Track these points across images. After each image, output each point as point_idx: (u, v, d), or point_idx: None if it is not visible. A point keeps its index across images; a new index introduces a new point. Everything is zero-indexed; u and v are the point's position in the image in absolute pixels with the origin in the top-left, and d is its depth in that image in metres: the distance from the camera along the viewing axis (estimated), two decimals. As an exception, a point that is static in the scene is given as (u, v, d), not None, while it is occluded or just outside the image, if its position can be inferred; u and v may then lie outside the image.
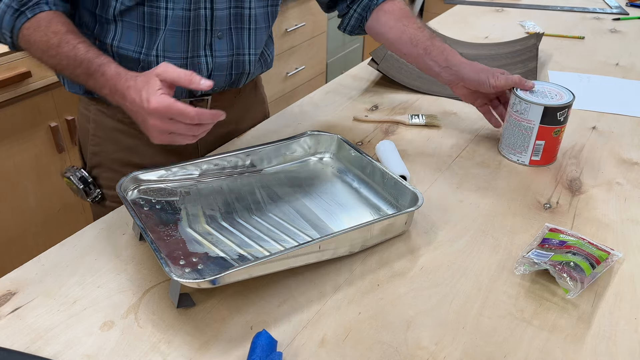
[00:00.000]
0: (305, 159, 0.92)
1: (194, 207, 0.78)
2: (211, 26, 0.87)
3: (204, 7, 0.85)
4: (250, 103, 1.09)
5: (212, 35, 0.88)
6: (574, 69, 1.39)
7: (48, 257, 0.73)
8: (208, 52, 0.89)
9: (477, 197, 0.88)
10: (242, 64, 0.95)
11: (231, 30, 0.90)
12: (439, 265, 0.74)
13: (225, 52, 0.91)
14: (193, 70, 0.86)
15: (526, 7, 1.90)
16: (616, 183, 0.93)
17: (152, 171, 0.80)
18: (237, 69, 0.95)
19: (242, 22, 0.91)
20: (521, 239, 0.79)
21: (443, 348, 0.62)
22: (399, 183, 0.80)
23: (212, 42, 0.89)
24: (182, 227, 0.74)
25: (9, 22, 0.78)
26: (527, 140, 0.94)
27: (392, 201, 0.82)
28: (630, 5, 1.94)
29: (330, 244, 0.69)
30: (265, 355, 0.58)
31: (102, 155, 0.98)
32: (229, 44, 0.91)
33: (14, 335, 0.62)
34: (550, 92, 0.95)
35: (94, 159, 0.99)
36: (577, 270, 0.69)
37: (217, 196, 0.81)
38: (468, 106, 1.18)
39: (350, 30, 1.09)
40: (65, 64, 0.78)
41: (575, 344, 0.63)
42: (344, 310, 0.66)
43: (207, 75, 0.91)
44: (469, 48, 1.47)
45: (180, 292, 0.64)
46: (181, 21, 0.84)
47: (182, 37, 0.86)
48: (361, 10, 1.05)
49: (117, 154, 0.98)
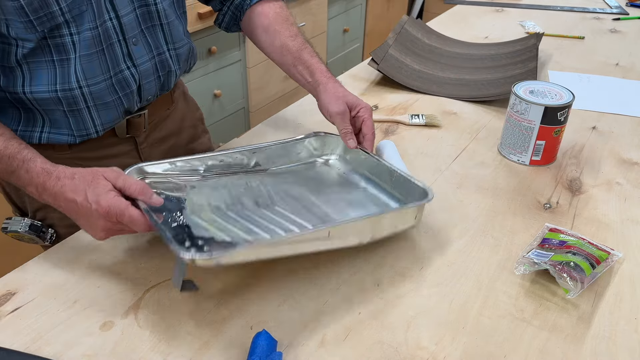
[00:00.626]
0: (311, 161, 0.91)
1: (199, 198, 0.77)
2: (123, 35, 0.81)
3: (108, 18, 0.79)
4: (184, 112, 1.04)
5: (127, 44, 0.82)
6: (574, 69, 1.39)
7: (48, 257, 0.73)
8: (129, 63, 0.83)
9: (477, 197, 0.88)
10: (166, 63, 0.89)
11: (144, 32, 0.85)
12: (439, 265, 0.74)
13: (145, 57, 0.85)
14: (121, 87, 0.83)
15: (526, 7, 1.90)
16: (616, 183, 0.92)
17: (156, 164, 0.79)
18: (163, 70, 0.89)
19: (152, 20, 0.85)
20: (521, 239, 0.79)
21: (443, 348, 0.62)
22: (408, 180, 0.79)
23: (129, 52, 0.83)
24: (186, 214, 0.72)
25: None
26: (527, 140, 0.94)
27: (401, 199, 0.80)
28: (630, 5, 1.94)
29: (340, 232, 0.67)
30: (265, 355, 0.58)
31: None
32: (146, 47, 0.85)
33: (14, 335, 0.62)
34: (550, 92, 0.95)
35: (35, 202, 0.90)
36: (577, 270, 0.69)
37: (222, 190, 0.80)
38: (468, 106, 1.18)
39: (226, 27, 1.04)
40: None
41: (575, 344, 0.63)
42: (344, 310, 0.66)
43: (136, 87, 0.85)
44: (469, 48, 1.47)
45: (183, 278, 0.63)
46: (92, 42, 0.77)
47: (98, 57, 0.79)
48: (234, 9, 1.00)
49: None
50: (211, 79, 2.03)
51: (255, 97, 2.28)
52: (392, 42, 1.39)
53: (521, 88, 0.96)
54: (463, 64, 1.37)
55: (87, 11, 0.75)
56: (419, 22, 1.56)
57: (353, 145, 0.86)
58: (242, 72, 2.18)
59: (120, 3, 0.79)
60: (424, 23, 1.58)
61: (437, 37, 1.51)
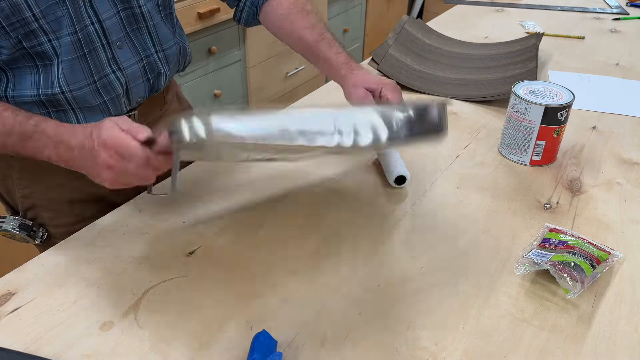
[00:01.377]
0: None
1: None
2: (106, 39, 0.80)
3: (90, 23, 0.77)
4: (178, 112, 1.02)
5: (112, 48, 0.81)
6: (574, 69, 1.39)
7: (48, 257, 0.73)
8: (114, 67, 0.82)
9: (477, 197, 0.88)
10: (155, 65, 0.88)
11: (129, 35, 0.83)
12: (439, 265, 0.74)
13: (132, 60, 0.84)
14: (107, 91, 0.82)
15: (526, 7, 1.89)
16: (616, 183, 0.92)
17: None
18: (152, 72, 0.88)
19: (137, 22, 0.83)
20: (521, 239, 0.79)
21: (443, 348, 0.62)
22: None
23: (114, 55, 0.81)
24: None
25: None
26: (527, 140, 0.94)
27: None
28: (630, 5, 1.94)
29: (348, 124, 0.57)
30: (265, 356, 0.58)
31: (35, 196, 0.90)
32: (132, 50, 0.84)
33: (14, 335, 0.62)
34: (551, 92, 0.95)
35: (25, 201, 0.91)
36: (577, 270, 0.69)
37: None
38: (468, 106, 1.18)
39: (245, 22, 1.03)
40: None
41: (575, 344, 0.63)
42: (344, 310, 0.66)
43: (122, 90, 0.84)
44: (469, 48, 1.47)
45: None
46: (72, 47, 0.76)
47: (80, 63, 0.78)
48: (250, 4, 1.00)
49: (51, 193, 0.90)
50: (211, 79, 2.03)
51: (255, 97, 2.28)
52: (392, 42, 1.39)
53: (521, 88, 0.96)
54: (463, 64, 1.37)
55: (64, 16, 0.74)
56: (419, 22, 1.56)
57: None
58: (242, 72, 2.18)
59: (102, 7, 0.78)
60: (424, 23, 1.57)
61: (437, 37, 1.51)
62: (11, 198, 0.93)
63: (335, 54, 0.91)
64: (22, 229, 0.88)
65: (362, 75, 0.88)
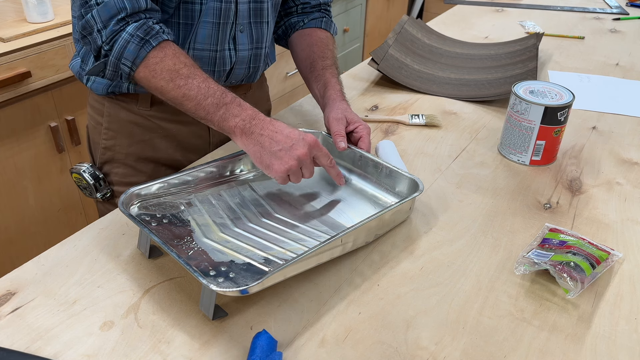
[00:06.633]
0: None
1: (201, 217, 0.77)
2: (235, 19, 0.91)
3: (231, 0, 0.89)
4: (257, 99, 1.10)
5: (235, 29, 0.92)
6: (574, 69, 1.39)
7: (48, 257, 0.73)
8: (232, 45, 0.93)
9: (477, 197, 0.88)
10: (259, 58, 0.98)
11: (251, 25, 0.94)
12: (439, 265, 0.74)
13: (246, 46, 0.95)
14: (218, 63, 0.93)
15: (526, 7, 1.90)
16: (616, 183, 0.93)
17: (149, 185, 0.78)
18: (255, 62, 0.98)
19: (260, 17, 0.94)
20: (521, 239, 0.79)
21: (443, 348, 0.62)
22: (395, 171, 0.83)
23: (235, 36, 0.92)
24: (197, 238, 0.74)
25: (134, 51, 0.77)
26: (527, 140, 0.94)
27: (389, 189, 0.84)
28: (630, 5, 1.94)
29: (350, 237, 0.71)
30: (265, 355, 0.58)
31: (115, 149, 0.99)
32: (249, 38, 0.95)
33: (14, 335, 0.62)
34: (550, 92, 0.95)
35: (106, 154, 1.00)
36: (577, 270, 0.69)
37: (219, 203, 0.81)
38: (468, 106, 1.18)
39: (276, 39, 1.10)
40: (194, 94, 0.78)
41: (575, 344, 0.63)
42: (344, 310, 0.66)
43: (229, 68, 0.95)
44: (469, 48, 1.47)
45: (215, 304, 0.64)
46: (213, 13, 0.88)
47: (212, 29, 0.89)
48: (288, 25, 1.07)
49: (131, 148, 0.98)
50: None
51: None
52: (392, 42, 1.39)
53: (521, 88, 0.96)
54: (463, 64, 1.37)
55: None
56: (419, 22, 1.56)
57: (343, 146, 0.87)
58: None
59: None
60: (424, 23, 1.58)
61: (437, 37, 1.51)
62: (95, 148, 1.02)
63: (335, 82, 0.98)
64: (92, 176, 0.99)
65: (347, 108, 0.94)
